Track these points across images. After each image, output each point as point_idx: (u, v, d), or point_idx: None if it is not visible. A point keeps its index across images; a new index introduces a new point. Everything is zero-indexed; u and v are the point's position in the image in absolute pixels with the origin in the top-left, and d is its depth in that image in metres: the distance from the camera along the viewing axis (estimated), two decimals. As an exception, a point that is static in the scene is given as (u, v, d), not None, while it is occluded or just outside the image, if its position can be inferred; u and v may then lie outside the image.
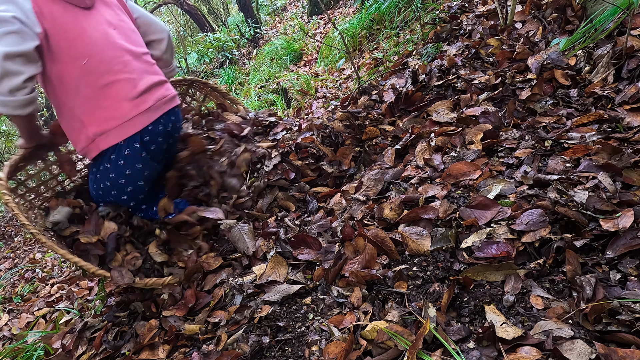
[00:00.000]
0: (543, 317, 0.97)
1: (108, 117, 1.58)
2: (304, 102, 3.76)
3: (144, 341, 1.35)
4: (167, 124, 1.74)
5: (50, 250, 4.05)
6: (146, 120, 1.64)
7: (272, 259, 1.44)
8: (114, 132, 1.60)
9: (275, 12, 8.36)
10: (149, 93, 1.67)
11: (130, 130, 1.61)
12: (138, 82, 1.64)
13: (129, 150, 1.64)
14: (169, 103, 1.74)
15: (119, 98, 1.58)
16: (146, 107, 1.64)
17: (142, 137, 1.65)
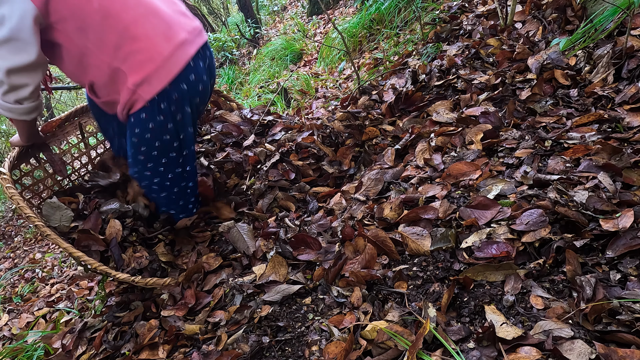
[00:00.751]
0: (543, 317, 0.97)
1: (144, 59, 1.38)
2: (304, 102, 3.76)
3: (144, 341, 1.35)
4: (205, 58, 1.52)
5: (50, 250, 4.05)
6: (186, 55, 1.43)
7: (272, 259, 1.44)
8: (156, 77, 1.40)
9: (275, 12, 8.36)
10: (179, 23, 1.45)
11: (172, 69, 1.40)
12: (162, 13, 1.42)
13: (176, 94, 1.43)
14: (200, 36, 1.52)
15: (149, 35, 1.38)
16: (181, 40, 1.42)
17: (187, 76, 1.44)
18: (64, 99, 10.93)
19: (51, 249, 4.12)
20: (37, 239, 4.78)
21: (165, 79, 1.41)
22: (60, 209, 1.64)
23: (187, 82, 1.45)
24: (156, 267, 1.62)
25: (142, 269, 1.60)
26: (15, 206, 1.48)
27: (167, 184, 1.65)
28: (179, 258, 1.67)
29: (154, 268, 1.62)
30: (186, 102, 1.48)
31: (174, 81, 1.42)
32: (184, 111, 1.50)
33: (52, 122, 1.84)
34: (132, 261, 1.60)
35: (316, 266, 1.40)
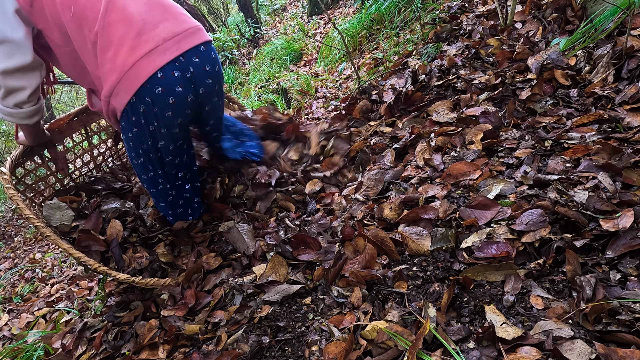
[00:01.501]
0: (543, 317, 0.97)
1: (109, 70, 1.32)
2: (304, 102, 3.76)
3: (144, 341, 1.35)
4: (186, 68, 1.38)
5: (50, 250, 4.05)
6: (151, 66, 1.32)
7: (272, 259, 1.44)
8: (121, 88, 1.33)
9: (276, 11, 8.36)
10: (153, 30, 1.34)
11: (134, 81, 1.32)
12: (135, 19, 1.33)
13: (143, 106, 1.36)
14: (187, 39, 1.38)
15: (115, 45, 1.30)
16: (147, 49, 1.32)
17: (153, 88, 1.34)
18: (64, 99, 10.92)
19: (51, 249, 4.12)
20: (37, 239, 4.78)
21: (129, 91, 1.34)
22: (61, 209, 1.64)
23: (151, 96, 1.35)
24: (156, 267, 1.62)
25: (143, 269, 1.60)
26: (15, 206, 1.48)
27: (153, 191, 1.67)
28: (179, 258, 1.67)
29: (154, 268, 1.62)
30: (153, 115, 1.40)
31: (138, 94, 1.35)
32: (158, 124, 1.42)
33: (60, 119, 1.85)
34: (133, 262, 1.60)
35: (316, 266, 1.40)
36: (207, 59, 1.45)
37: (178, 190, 1.68)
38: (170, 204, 1.70)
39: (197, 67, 1.42)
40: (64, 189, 1.88)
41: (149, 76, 1.32)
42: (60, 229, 1.61)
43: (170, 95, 1.37)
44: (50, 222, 1.61)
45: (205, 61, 1.44)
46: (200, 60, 1.42)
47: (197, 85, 1.44)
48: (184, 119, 1.46)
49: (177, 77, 1.37)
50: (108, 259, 1.62)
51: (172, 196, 1.67)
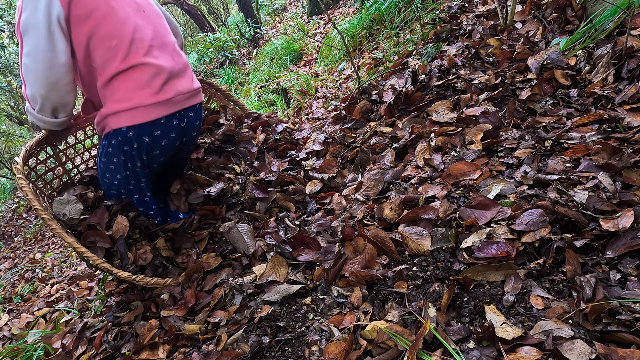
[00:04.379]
0: (543, 317, 0.97)
1: (123, 98, 1.51)
2: (304, 102, 3.76)
3: (144, 341, 1.35)
4: (182, 119, 1.64)
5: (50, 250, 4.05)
6: (161, 112, 1.56)
7: (272, 259, 1.44)
8: (125, 115, 1.52)
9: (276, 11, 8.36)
10: (171, 84, 1.58)
11: (141, 117, 1.53)
12: (162, 70, 1.56)
13: (137, 143, 1.56)
14: (191, 99, 1.66)
15: (139, 83, 1.52)
16: (165, 98, 1.55)
17: (152, 130, 1.56)
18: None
19: (51, 249, 4.12)
20: (37, 239, 4.78)
21: (131, 120, 1.52)
22: (70, 203, 1.65)
23: (150, 136, 1.57)
24: (158, 263, 1.63)
25: (146, 266, 1.61)
26: (24, 197, 1.50)
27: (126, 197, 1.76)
28: (179, 256, 1.68)
29: (156, 264, 1.62)
30: (143, 151, 1.60)
31: (139, 130, 1.54)
32: (140, 158, 1.61)
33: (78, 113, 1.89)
34: (138, 258, 1.61)
35: (316, 266, 1.40)
36: (198, 116, 1.74)
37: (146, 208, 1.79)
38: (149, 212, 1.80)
39: (191, 120, 1.69)
40: (71, 181, 1.89)
41: (156, 118, 1.55)
42: (68, 222, 1.62)
43: (164, 139, 1.61)
44: (60, 217, 1.62)
45: (197, 117, 1.73)
46: (194, 116, 1.71)
47: (186, 134, 1.71)
48: (165, 158, 1.70)
49: (175, 125, 1.62)
50: (112, 254, 1.62)
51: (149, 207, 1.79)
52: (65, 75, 1.44)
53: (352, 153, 1.92)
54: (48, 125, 1.59)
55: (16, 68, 6.65)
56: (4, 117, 7.54)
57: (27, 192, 1.46)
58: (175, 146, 1.69)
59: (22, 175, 1.52)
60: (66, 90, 1.48)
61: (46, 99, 1.47)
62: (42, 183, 1.78)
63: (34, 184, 1.67)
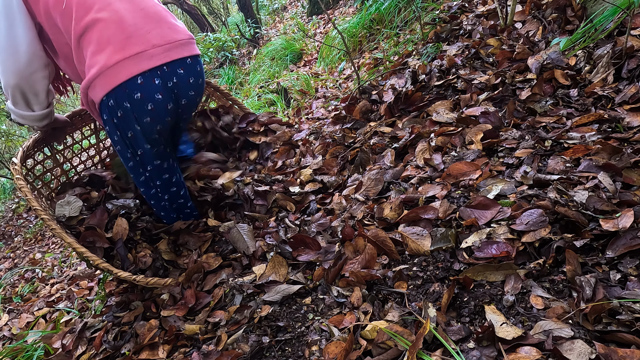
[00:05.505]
0: (543, 317, 0.97)
1: (90, 64, 1.34)
2: (304, 102, 3.76)
3: (144, 341, 1.35)
4: (170, 77, 1.40)
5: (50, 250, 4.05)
6: (132, 70, 1.33)
7: (272, 259, 1.44)
8: (98, 83, 1.35)
9: (275, 11, 8.36)
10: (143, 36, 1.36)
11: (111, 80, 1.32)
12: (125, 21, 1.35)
13: (121, 111, 1.37)
14: (174, 50, 1.40)
15: (100, 42, 1.32)
16: (132, 53, 1.33)
17: (130, 93, 1.35)
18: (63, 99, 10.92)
19: (51, 249, 4.12)
20: (37, 239, 4.78)
21: (106, 87, 1.35)
22: (70, 203, 1.65)
23: (130, 101, 1.37)
24: (159, 265, 1.63)
25: (146, 269, 1.61)
26: (24, 197, 1.49)
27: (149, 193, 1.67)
28: (180, 257, 1.68)
29: (157, 267, 1.62)
30: (132, 120, 1.41)
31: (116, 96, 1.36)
32: (134, 129, 1.43)
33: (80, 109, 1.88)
34: (138, 261, 1.61)
35: (316, 266, 1.40)
36: (192, 72, 1.47)
37: (172, 197, 1.70)
38: (163, 208, 1.71)
39: (181, 78, 1.44)
40: (70, 182, 1.89)
41: (128, 78, 1.33)
42: (67, 222, 1.62)
43: (149, 102, 1.39)
44: (61, 219, 1.62)
45: (190, 74, 1.47)
46: (184, 72, 1.45)
47: (179, 95, 1.47)
48: (163, 126, 1.48)
49: (158, 84, 1.39)
50: (112, 256, 1.62)
51: (166, 201, 1.69)
52: (30, 63, 1.36)
53: (352, 153, 1.92)
54: (27, 120, 1.51)
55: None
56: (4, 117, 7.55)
57: (26, 193, 1.47)
58: (170, 110, 1.45)
59: (21, 175, 1.52)
60: (34, 79, 1.40)
61: (15, 89, 1.40)
62: (41, 184, 1.78)
63: (32, 185, 1.67)
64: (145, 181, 1.60)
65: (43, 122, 1.56)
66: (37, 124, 1.55)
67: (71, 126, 1.88)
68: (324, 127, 2.40)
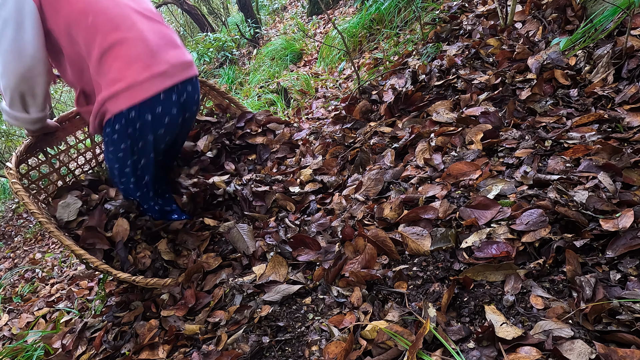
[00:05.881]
0: (543, 317, 0.97)
1: (116, 78, 1.45)
2: (304, 102, 3.76)
3: (144, 341, 1.35)
4: (181, 93, 1.58)
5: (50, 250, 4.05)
6: (158, 86, 1.49)
7: (272, 259, 1.44)
8: (123, 96, 1.46)
9: (275, 11, 8.36)
10: (163, 56, 1.52)
11: (138, 94, 1.46)
12: (150, 42, 1.49)
13: (140, 122, 1.50)
14: (185, 71, 1.59)
15: (128, 58, 1.45)
16: (159, 71, 1.49)
17: (153, 107, 1.50)
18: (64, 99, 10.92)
19: (51, 249, 4.12)
20: (37, 239, 4.78)
21: (132, 100, 1.46)
22: (70, 205, 1.65)
23: (152, 114, 1.51)
24: (159, 266, 1.62)
25: (146, 269, 1.61)
26: (21, 202, 1.49)
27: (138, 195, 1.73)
28: (180, 257, 1.68)
29: (157, 267, 1.62)
30: (149, 131, 1.54)
31: (139, 109, 1.48)
32: (146, 140, 1.56)
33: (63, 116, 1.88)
34: (138, 262, 1.60)
35: (316, 266, 1.40)
36: (195, 89, 1.68)
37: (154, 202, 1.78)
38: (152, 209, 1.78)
39: (189, 94, 1.63)
40: (66, 186, 1.89)
41: (154, 94, 1.48)
42: (66, 225, 1.62)
43: (167, 116, 1.56)
44: (60, 222, 1.62)
45: (195, 91, 1.67)
46: (192, 90, 1.64)
47: (186, 110, 1.65)
48: (170, 137, 1.65)
49: (174, 100, 1.56)
50: (111, 256, 1.62)
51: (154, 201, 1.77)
52: (33, 67, 1.40)
53: (352, 153, 1.92)
54: (21, 122, 1.54)
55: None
56: (4, 117, 7.54)
57: (23, 197, 1.46)
58: (179, 123, 1.63)
59: (17, 179, 1.51)
60: (35, 82, 1.44)
61: (14, 91, 1.43)
62: (37, 189, 1.78)
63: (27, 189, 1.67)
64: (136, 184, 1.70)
65: (36, 126, 1.59)
66: (30, 126, 1.58)
67: (62, 130, 1.87)
68: (324, 127, 2.40)
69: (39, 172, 1.83)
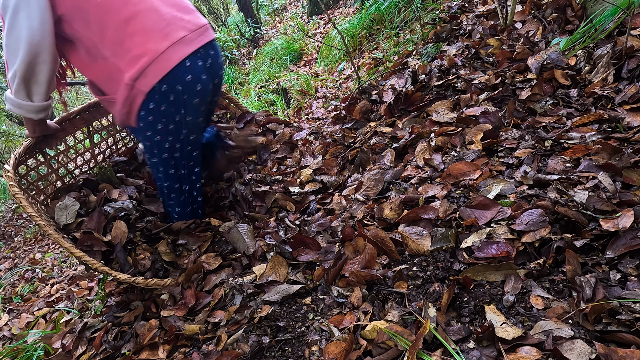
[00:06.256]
0: (543, 317, 0.97)
1: (140, 54, 1.41)
2: (304, 102, 3.76)
3: (144, 341, 1.35)
4: (206, 58, 1.52)
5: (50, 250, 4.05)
6: (181, 53, 1.44)
7: (272, 259, 1.44)
8: (151, 70, 1.41)
9: (275, 11, 8.36)
10: (180, 21, 1.46)
11: (164, 65, 1.41)
12: (162, 10, 1.44)
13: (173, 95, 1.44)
14: (204, 34, 1.52)
15: (145, 30, 1.40)
16: (178, 37, 1.44)
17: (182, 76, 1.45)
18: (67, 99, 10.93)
19: (51, 249, 4.12)
20: (37, 239, 4.78)
21: (159, 73, 1.41)
22: (68, 207, 1.65)
23: (182, 83, 1.46)
24: (159, 267, 1.62)
25: (145, 271, 1.61)
26: (18, 204, 1.48)
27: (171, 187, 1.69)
28: (180, 258, 1.67)
29: (157, 268, 1.62)
30: (182, 103, 1.49)
31: (169, 80, 1.43)
32: (181, 113, 1.51)
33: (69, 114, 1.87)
34: (137, 264, 1.60)
35: (316, 266, 1.40)
36: (218, 53, 1.61)
37: (192, 187, 1.73)
38: (182, 203, 1.73)
39: (213, 58, 1.56)
40: (65, 187, 1.88)
41: (179, 61, 1.43)
42: (64, 228, 1.62)
43: (198, 83, 1.49)
44: (59, 222, 1.62)
45: (217, 54, 1.60)
46: (214, 53, 1.57)
47: (214, 75, 1.58)
48: (205, 107, 1.58)
49: (201, 66, 1.50)
50: (110, 258, 1.62)
51: (186, 193, 1.72)
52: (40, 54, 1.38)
53: (352, 153, 1.93)
54: (24, 110, 1.52)
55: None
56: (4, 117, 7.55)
57: (21, 199, 1.46)
58: (211, 90, 1.58)
59: (15, 182, 1.51)
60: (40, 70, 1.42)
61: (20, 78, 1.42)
62: (36, 190, 1.78)
63: (25, 191, 1.67)
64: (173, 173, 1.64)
65: (39, 115, 1.56)
66: (33, 115, 1.55)
67: (62, 131, 1.87)
68: (324, 127, 2.40)
69: (37, 173, 1.82)
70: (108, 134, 2.13)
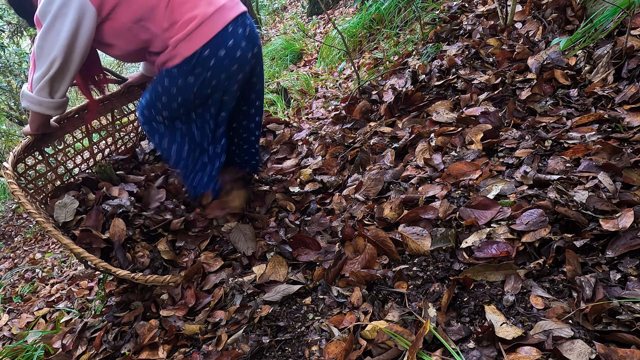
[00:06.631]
0: (543, 317, 0.97)
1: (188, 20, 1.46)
2: (304, 102, 3.76)
3: (144, 341, 1.35)
4: (245, 26, 1.56)
5: (50, 250, 4.05)
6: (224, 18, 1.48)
7: (272, 259, 1.44)
8: (196, 34, 1.46)
9: (275, 12, 8.36)
10: None
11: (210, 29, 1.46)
12: None
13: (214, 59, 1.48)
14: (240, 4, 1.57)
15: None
16: (221, 4, 1.49)
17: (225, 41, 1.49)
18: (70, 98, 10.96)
19: (51, 249, 4.12)
20: (37, 239, 4.78)
21: (205, 37, 1.45)
22: (67, 205, 1.65)
23: (225, 48, 1.49)
24: (158, 265, 1.62)
25: (145, 268, 1.61)
26: (17, 202, 1.48)
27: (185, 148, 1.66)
28: (180, 256, 1.67)
29: (156, 266, 1.62)
30: (222, 69, 1.52)
31: (212, 45, 1.46)
32: (219, 78, 1.53)
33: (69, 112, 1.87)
34: (136, 261, 1.60)
35: (316, 266, 1.40)
36: (253, 23, 1.62)
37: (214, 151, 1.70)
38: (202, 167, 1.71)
39: (251, 27, 1.59)
40: (64, 186, 1.88)
41: (224, 26, 1.47)
42: (64, 226, 1.61)
43: (238, 49, 1.52)
44: (57, 220, 1.61)
45: (253, 25, 1.61)
46: (250, 23, 1.59)
47: (253, 43, 1.59)
48: (243, 76, 1.60)
49: (241, 33, 1.52)
50: (110, 256, 1.62)
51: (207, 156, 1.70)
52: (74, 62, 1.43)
53: (352, 153, 1.93)
54: (44, 107, 1.53)
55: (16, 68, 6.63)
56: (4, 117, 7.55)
57: (20, 196, 1.46)
58: (250, 60, 1.59)
59: (13, 180, 1.51)
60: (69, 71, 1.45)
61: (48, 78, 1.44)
62: (35, 188, 1.78)
63: (24, 189, 1.66)
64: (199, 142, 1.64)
65: (58, 111, 1.58)
66: (52, 112, 1.57)
67: (61, 130, 1.87)
68: (324, 127, 2.40)
69: (36, 171, 1.82)
70: (107, 133, 2.13)
